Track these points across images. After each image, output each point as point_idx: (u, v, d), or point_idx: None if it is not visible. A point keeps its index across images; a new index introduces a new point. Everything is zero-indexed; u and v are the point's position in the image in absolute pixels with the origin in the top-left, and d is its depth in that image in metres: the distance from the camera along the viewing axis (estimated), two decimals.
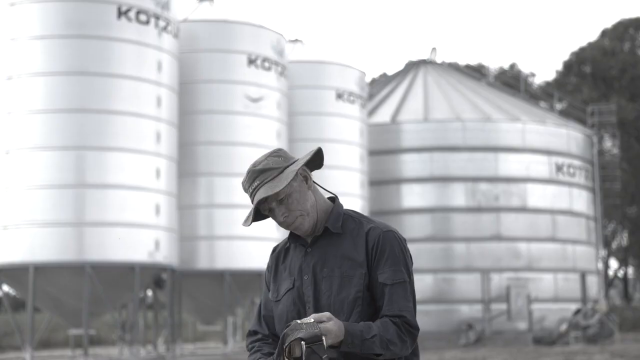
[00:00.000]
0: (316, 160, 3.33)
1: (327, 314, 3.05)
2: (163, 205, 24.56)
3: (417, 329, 3.19)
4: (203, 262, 27.16)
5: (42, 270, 23.08)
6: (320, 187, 3.38)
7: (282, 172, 3.21)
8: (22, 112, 23.52)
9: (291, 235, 3.34)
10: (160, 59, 24.90)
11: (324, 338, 2.98)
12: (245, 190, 3.27)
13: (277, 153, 3.29)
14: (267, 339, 3.36)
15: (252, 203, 3.23)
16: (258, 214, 3.27)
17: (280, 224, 3.26)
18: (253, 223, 3.27)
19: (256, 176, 3.22)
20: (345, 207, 3.40)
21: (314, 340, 2.96)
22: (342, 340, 3.05)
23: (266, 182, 3.20)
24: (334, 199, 3.38)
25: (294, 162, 3.26)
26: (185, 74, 26.89)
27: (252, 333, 3.41)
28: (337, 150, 30.84)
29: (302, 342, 2.94)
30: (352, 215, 3.33)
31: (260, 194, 3.19)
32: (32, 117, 23.47)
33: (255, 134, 27.46)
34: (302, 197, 3.24)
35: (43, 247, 23.04)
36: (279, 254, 3.41)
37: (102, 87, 23.71)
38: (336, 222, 3.28)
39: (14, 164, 23.46)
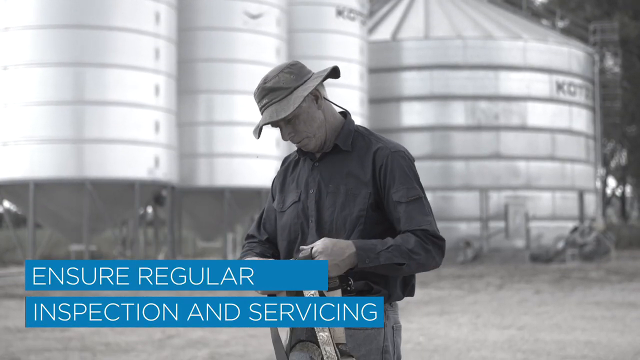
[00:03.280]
0: (330, 77, 3.29)
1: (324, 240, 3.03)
2: (162, 123, 24.51)
3: (441, 239, 3.12)
4: (203, 179, 27.22)
5: (42, 187, 23.17)
6: (332, 102, 3.33)
7: (291, 92, 3.16)
8: (17, 28, 23.30)
9: (300, 149, 3.31)
10: None
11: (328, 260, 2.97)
12: (256, 103, 3.22)
13: (290, 69, 3.21)
14: (264, 244, 3.36)
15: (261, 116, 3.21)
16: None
17: (286, 140, 3.26)
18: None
19: (265, 94, 3.17)
20: None
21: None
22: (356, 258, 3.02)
23: (274, 102, 3.15)
24: (345, 114, 3.35)
25: (306, 81, 3.21)
26: None
27: (249, 236, 3.41)
28: None
29: None
30: (362, 133, 3.29)
31: (266, 117, 3.15)
32: (27, 32, 23.26)
33: (254, 51, 27.22)
34: (310, 117, 3.20)
35: (42, 163, 23.08)
36: (289, 165, 3.39)
37: (99, 2, 23.43)
38: (346, 140, 3.25)
39: (12, 80, 23.34)
